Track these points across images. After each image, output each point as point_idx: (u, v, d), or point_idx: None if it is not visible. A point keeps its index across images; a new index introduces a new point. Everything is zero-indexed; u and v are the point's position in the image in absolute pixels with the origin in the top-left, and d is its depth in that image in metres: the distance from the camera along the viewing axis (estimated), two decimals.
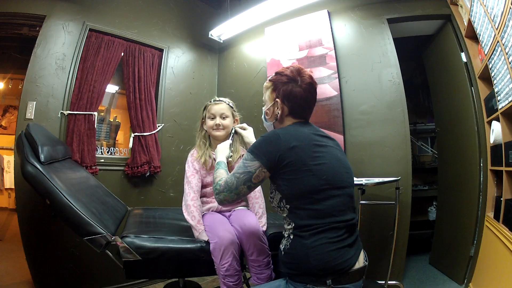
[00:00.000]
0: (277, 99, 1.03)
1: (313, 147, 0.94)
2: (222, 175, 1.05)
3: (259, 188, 1.42)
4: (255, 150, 0.96)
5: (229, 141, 1.32)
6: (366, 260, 0.95)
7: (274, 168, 0.93)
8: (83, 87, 2.01)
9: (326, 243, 0.86)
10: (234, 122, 1.46)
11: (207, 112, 1.45)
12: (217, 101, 1.45)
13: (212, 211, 1.40)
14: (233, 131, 1.40)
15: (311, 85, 1.03)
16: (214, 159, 1.41)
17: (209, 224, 1.27)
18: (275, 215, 1.57)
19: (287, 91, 1.01)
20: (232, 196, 0.98)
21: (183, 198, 1.35)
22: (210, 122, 1.42)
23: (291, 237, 0.93)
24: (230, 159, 1.36)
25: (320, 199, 0.89)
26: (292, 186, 0.91)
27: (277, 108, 1.04)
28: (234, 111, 1.47)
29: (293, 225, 0.93)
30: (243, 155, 1.46)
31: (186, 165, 1.41)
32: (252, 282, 1.21)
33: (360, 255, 0.92)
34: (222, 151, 1.24)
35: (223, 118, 1.42)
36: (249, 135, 1.38)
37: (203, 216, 1.34)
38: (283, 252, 0.95)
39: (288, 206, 0.94)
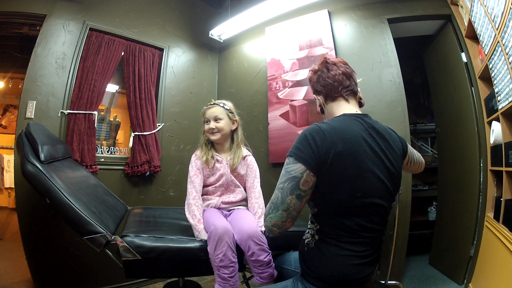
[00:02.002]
0: (314, 95, 1.06)
1: (364, 156, 0.83)
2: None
3: (259, 189, 1.43)
4: (297, 151, 0.82)
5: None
6: (378, 269, 0.92)
7: (322, 168, 0.80)
8: (83, 86, 2.01)
9: (351, 256, 0.82)
10: (233, 123, 1.48)
11: (203, 117, 1.49)
12: (211, 105, 1.48)
13: (211, 207, 1.42)
14: None
15: (325, 63, 1.01)
16: (217, 160, 1.43)
17: (206, 216, 1.30)
18: None
19: (314, 83, 1.03)
20: (280, 215, 0.82)
21: (186, 197, 1.37)
22: (206, 127, 1.46)
23: (316, 237, 0.88)
24: (230, 161, 1.41)
25: (351, 214, 0.82)
26: (324, 196, 0.84)
27: (318, 102, 1.04)
28: (231, 112, 1.48)
29: (319, 227, 0.87)
30: (245, 157, 1.48)
31: (190, 166, 1.44)
32: (255, 282, 1.20)
33: (376, 266, 0.90)
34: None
35: (217, 121, 1.44)
36: None
37: (202, 212, 1.36)
38: (306, 248, 0.91)
39: (315, 209, 0.88)
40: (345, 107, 0.97)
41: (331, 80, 0.97)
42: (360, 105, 1.04)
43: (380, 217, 0.87)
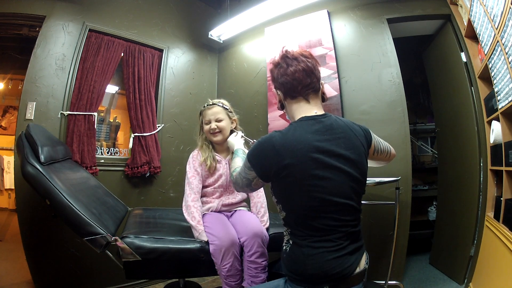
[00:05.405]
0: (274, 90, 1.04)
1: (311, 164, 0.85)
2: (237, 164, 1.11)
3: (261, 188, 1.43)
4: (252, 159, 0.93)
5: (240, 133, 1.37)
6: (367, 263, 0.91)
7: (269, 180, 0.93)
8: (83, 88, 2.01)
9: (323, 252, 0.84)
10: (232, 122, 1.46)
11: (202, 118, 1.45)
12: (210, 105, 1.45)
13: (211, 211, 1.40)
14: (238, 134, 1.40)
15: (286, 58, 0.97)
16: (218, 161, 1.42)
17: (209, 225, 1.27)
18: (276, 215, 1.57)
19: (273, 77, 1.01)
20: (239, 190, 1.06)
21: (184, 198, 1.35)
22: (206, 127, 1.43)
23: (290, 242, 0.91)
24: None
25: (315, 217, 0.85)
26: (286, 199, 0.90)
27: (278, 97, 1.03)
28: (230, 112, 1.47)
29: (290, 230, 0.91)
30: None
31: (187, 166, 1.42)
32: (246, 286, 1.19)
33: (361, 259, 0.89)
34: (237, 140, 1.31)
35: (218, 121, 1.42)
36: (234, 141, 1.36)
37: (203, 216, 1.34)
38: (284, 254, 0.94)
39: (284, 213, 0.92)
40: (305, 108, 0.96)
41: (290, 78, 0.94)
42: (323, 100, 1.02)
43: (350, 214, 0.88)
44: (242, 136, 1.38)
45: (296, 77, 0.94)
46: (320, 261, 0.83)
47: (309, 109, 0.95)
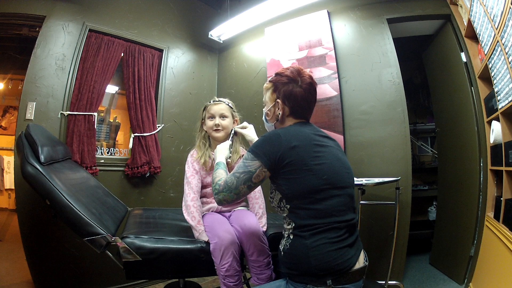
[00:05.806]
0: (278, 100, 1.03)
1: (314, 147, 0.94)
2: (221, 175, 1.04)
3: (259, 189, 1.42)
4: (256, 149, 0.96)
5: (228, 142, 1.32)
6: (366, 260, 0.95)
7: (274, 168, 0.93)
8: (83, 88, 2.01)
9: (326, 243, 0.86)
10: (234, 122, 1.46)
11: (206, 113, 1.45)
12: (217, 101, 1.45)
13: (212, 211, 1.40)
14: (232, 132, 1.39)
15: (311, 85, 1.03)
16: (214, 160, 1.42)
17: (209, 224, 1.27)
18: (275, 216, 1.57)
19: (287, 92, 1.01)
20: (232, 196, 0.96)
21: (183, 198, 1.35)
22: (209, 123, 1.42)
23: (291, 237, 0.93)
24: (229, 160, 1.35)
25: (321, 199, 0.89)
26: (293, 186, 0.91)
27: (278, 109, 1.04)
28: (234, 111, 1.47)
29: (293, 225, 0.93)
30: (243, 155, 1.47)
31: (186, 166, 1.41)
32: (252, 283, 1.21)
33: (360, 255, 0.92)
34: (222, 151, 1.24)
35: (223, 118, 1.42)
36: (250, 133, 1.37)
37: (203, 216, 1.34)
38: (282, 253, 0.95)
39: (288, 206, 0.94)
40: (301, 125, 1.04)
41: (307, 104, 1.04)
42: None
43: (349, 199, 0.96)
44: (232, 133, 1.37)
45: (312, 106, 1.06)
46: (322, 252, 0.86)
47: (304, 125, 1.05)
